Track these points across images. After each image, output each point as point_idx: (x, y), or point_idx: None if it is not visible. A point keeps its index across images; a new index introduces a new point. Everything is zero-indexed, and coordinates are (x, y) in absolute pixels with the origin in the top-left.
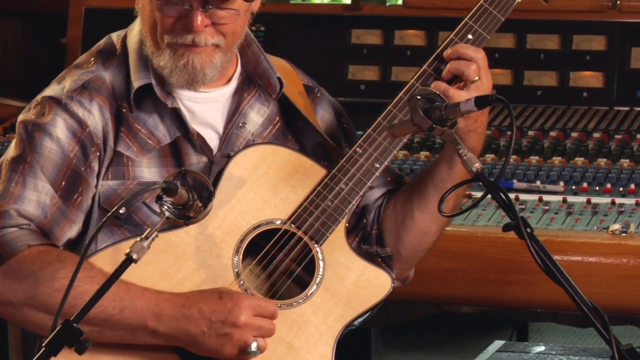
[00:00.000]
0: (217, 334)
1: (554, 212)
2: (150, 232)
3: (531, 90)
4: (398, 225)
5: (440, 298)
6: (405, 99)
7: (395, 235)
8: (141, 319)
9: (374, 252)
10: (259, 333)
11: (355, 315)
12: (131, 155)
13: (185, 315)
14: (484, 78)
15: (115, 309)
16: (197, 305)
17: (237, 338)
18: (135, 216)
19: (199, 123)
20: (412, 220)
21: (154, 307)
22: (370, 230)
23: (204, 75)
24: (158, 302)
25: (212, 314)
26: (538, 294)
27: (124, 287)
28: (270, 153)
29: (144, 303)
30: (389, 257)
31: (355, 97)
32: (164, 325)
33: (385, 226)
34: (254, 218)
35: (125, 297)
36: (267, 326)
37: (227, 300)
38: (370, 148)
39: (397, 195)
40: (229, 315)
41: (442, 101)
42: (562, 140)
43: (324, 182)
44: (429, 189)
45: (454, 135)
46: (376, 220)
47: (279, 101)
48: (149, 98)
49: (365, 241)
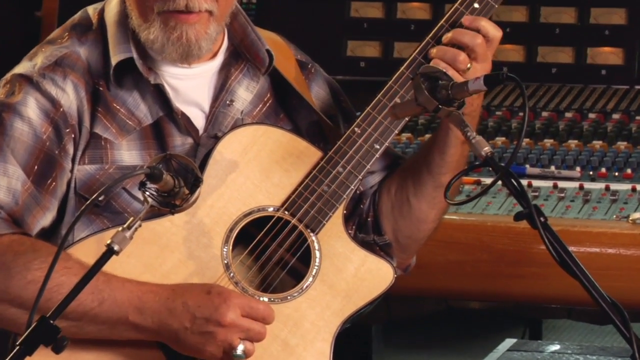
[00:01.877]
0: (200, 331)
1: (570, 200)
2: (132, 222)
3: (545, 67)
4: (394, 212)
5: (447, 293)
6: (406, 74)
7: (392, 222)
8: (122, 312)
9: (371, 241)
10: (247, 335)
11: (355, 310)
12: (109, 137)
13: (169, 309)
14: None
15: (94, 302)
16: (182, 298)
17: (221, 338)
18: (115, 203)
19: (183, 101)
20: (408, 207)
21: (136, 300)
22: (366, 218)
23: (200, 48)
24: (140, 294)
25: (196, 309)
26: (552, 288)
27: (103, 278)
28: (262, 134)
29: (125, 295)
30: (388, 245)
31: (355, 76)
32: (146, 319)
33: (381, 213)
34: (245, 205)
35: (105, 289)
36: (257, 329)
37: (215, 297)
38: (369, 128)
39: (391, 180)
40: (215, 313)
41: (448, 80)
42: (578, 122)
43: (320, 165)
44: (423, 175)
45: (462, 117)
46: (372, 206)
47: (269, 76)
48: (129, 75)
49: (361, 229)
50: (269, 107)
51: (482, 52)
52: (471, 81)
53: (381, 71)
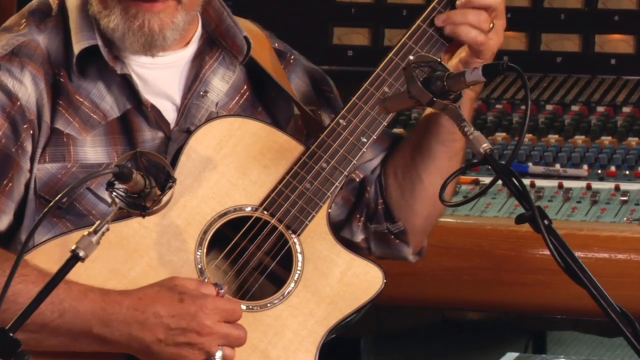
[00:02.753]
0: (176, 343)
1: (576, 201)
2: (99, 225)
3: (550, 56)
4: (406, 195)
5: (442, 303)
6: (396, 60)
7: (405, 206)
8: (85, 324)
9: (384, 230)
10: (226, 342)
11: (341, 318)
12: (72, 133)
13: (139, 320)
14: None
15: (55, 312)
16: (153, 308)
17: (199, 348)
18: (79, 205)
19: (153, 93)
20: (421, 186)
21: (99, 311)
22: (375, 207)
23: (164, 38)
24: (104, 304)
25: (170, 319)
26: (557, 297)
27: (64, 286)
28: (238, 127)
29: (87, 306)
30: (403, 232)
31: (342, 65)
32: (112, 332)
33: (391, 199)
34: (220, 204)
35: (66, 299)
36: (236, 334)
37: (190, 304)
38: (355, 119)
39: (395, 162)
40: (192, 322)
41: (443, 70)
42: (585, 116)
43: (301, 160)
44: (433, 147)
45: (458, 111)
46: (380, 193)
47: (245, 67)
48: (93, 64)
49: (372, 219)
50: (246, 100)
51: (502, 8)
52: (469, 72)
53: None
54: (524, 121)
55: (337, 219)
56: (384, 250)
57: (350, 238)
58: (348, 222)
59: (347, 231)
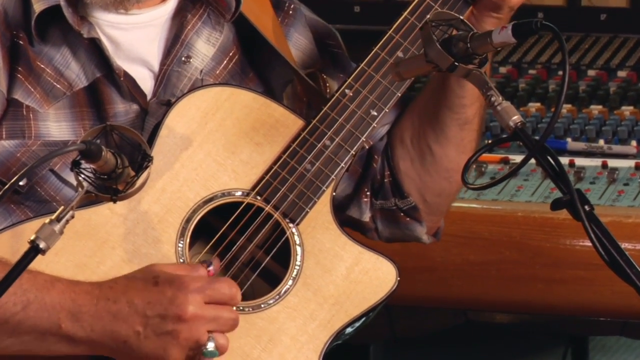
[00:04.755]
0: (156, 333)
1: (623, 184)
2: (63, 212)
3: (592, 13)
4: (415, 167)
5: (466, 303)
6: (411, 20)
7: (415, 180)
8: (52, 318)
9: (392, 207)
10: (216, 326)
11: (347, 321)
12: (33, 105)
13: (112, 312)
14: None
15: (17, 305)
16: (126, 296)
17: (184, 336)
18: (41, 189)
19: (126, 58)
20: (432, 158)
21: (69, 303)
22: (381, 179)
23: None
24: (74, 295)
25: (147, 306)
26: (601, 296)
27: (28, 276)
28: (227, 97)
29: (55, 297)
30: (414, 208)
31: (348, 24)
32: (83, 327)
33: (399, 171)
34: (205, 188)
35: (30, 290)
36: (226, 315)
37: (166, 286)
38: (364, 89)
39: (401, 126)
40: (171, 307)
41: (467, 29)
42: (634, 83)
43: (301, 137)
44: (441, 113)
45: (484, 77)
46: (387, 164)
47: (235, 24)
48: (56, 26)
49: (378, 194)
50: (235, 64)
51: None
52: (496, 31)
53: (381, 18)
54: (562, 89)
55: (342, 194)
56: (393, 230)
57: (359, 217)
58: (356, 197)
59: (355, 209)
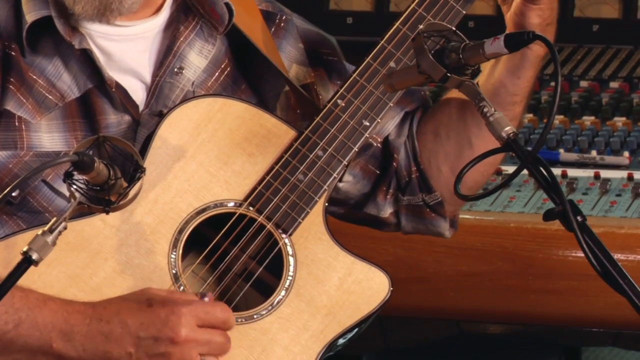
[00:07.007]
0: (148, 355)
1: (615, 194)
2: (55, 223)
3: (585, 24)
4: (450, 161)
5: (459, 313)
6: (403, 30)
7: (447, 174)
8: (44, 337)
9: (419, 202)
10: (208, 350)
11: (340, 331)
12: (25, 116)
13: (104, 332)
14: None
15: (9, 324)
16: (119, 317)
17: (177, 359)
18: (33, 200)
19: (119, 69)
20: (470, 152)
21: (61, 322)
22: (408, 175)
23: (121, 2)
24: (67, 315)
25: (140, 328)
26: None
27: (20, 294)
28: (219, 108)
29: (47, 316)
30: (440, 203)
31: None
32: (75, 347)
33: (429, 165)
34: (198, 199)
35: (22, 308)
36: (218, 339)
37: (160, 308)
38: (356, 100)
39: (436, 120)
40: (164, 329)
41: (459, 40)
42: (626, 94)
43: (293, 147)
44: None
45: (476, 88)
46: (412, 159)
47: (227, 36)
48: (48, 37)
49: (404, 191)
50: (227, 76)
51: None
52: (488, 42)
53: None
54: (554, 100)
55: (358, 193)
56: (417, 225)
57: (376, 214)
58: (372, 196)
59: (372, 206)
